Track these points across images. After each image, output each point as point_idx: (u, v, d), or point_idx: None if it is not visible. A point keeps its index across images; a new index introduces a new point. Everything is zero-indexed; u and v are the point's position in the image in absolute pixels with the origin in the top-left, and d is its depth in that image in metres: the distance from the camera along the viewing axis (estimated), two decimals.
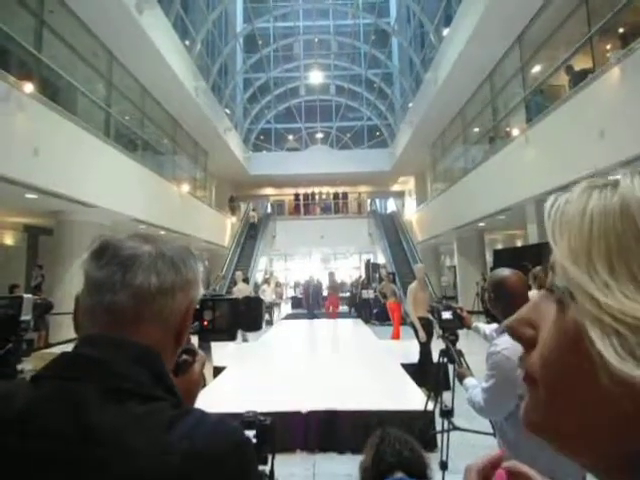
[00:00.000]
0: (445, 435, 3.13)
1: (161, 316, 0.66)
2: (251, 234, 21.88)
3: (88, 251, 0.67)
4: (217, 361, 6.24)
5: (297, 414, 4.26)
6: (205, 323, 0.88)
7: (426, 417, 3.73)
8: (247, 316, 0.95)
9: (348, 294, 20.77)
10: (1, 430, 0.53)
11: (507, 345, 1.79)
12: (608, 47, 8.09)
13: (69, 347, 0.63)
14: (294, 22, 23.62)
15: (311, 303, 16.86)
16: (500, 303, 1.99)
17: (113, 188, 10.03)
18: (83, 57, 9.97)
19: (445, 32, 13.52)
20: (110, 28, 9.92)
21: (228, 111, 19.96)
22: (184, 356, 0.80)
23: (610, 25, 7.63)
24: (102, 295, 0.63)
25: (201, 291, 0.76)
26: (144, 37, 10.33)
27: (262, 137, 26.70)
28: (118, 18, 9.54)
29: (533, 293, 4.41)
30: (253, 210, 23.26)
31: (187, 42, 14.32)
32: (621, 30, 7.75)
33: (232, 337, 0.90)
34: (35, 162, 7.43)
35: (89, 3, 9.03)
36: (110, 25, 9.80)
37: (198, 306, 0.86)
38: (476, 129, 14.56)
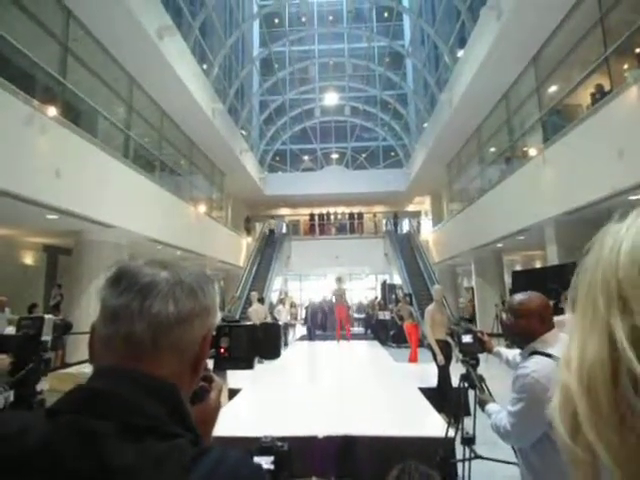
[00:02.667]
0: (467, 464, 3.02)
1: (179, 346, 0.64)
2: (270, 240, 22.07)
3: (105, 278, 0.65)
4: (233, 383, 6.19)
5: (313, 439, 4.17)
6: (222, 351, 0.85)
7: (447, 444, 3.61)
8: (265, 343, 0.91)
9: (364, 315, 20.58)
10: (12, 466, 0.50)
11: (537, 367, 1.72)
12: (625, 67, 8.03)
13: (85, 367, 0.61)
14: (309, 46, 24.09)
15: (309, 325, 16.77)
16: (521, 327, 1.92)
17: (131, 209, 10.20)
18: (104, 81, 10.25)
19: (459, 53, 13.62)
20: (131, 53, 10.24)
21: (244, 133, 20.26)
22: (201, 383, 0.78)
23: (627, 45, 7.60)
24: (119, 324, 0.62)
25: (219, 317, 0.73)
26: (164, 62, 10.63)
27: (277, 158, 26.98)
28: (139, 44, 9.85)
29: (567, 317, 4.28)
30: (272, 218, 23.65)
31: (205, 66, 14.66)
32: (638, 50, 7.71)
33: (249, 365, 0.87)
34: (57, 183, 7.59)
35: (111, 29, 9.34)
36: (131, 51, 10.12)
37: (214, 333, 0.84)
38: (492, 149, 14.50)
